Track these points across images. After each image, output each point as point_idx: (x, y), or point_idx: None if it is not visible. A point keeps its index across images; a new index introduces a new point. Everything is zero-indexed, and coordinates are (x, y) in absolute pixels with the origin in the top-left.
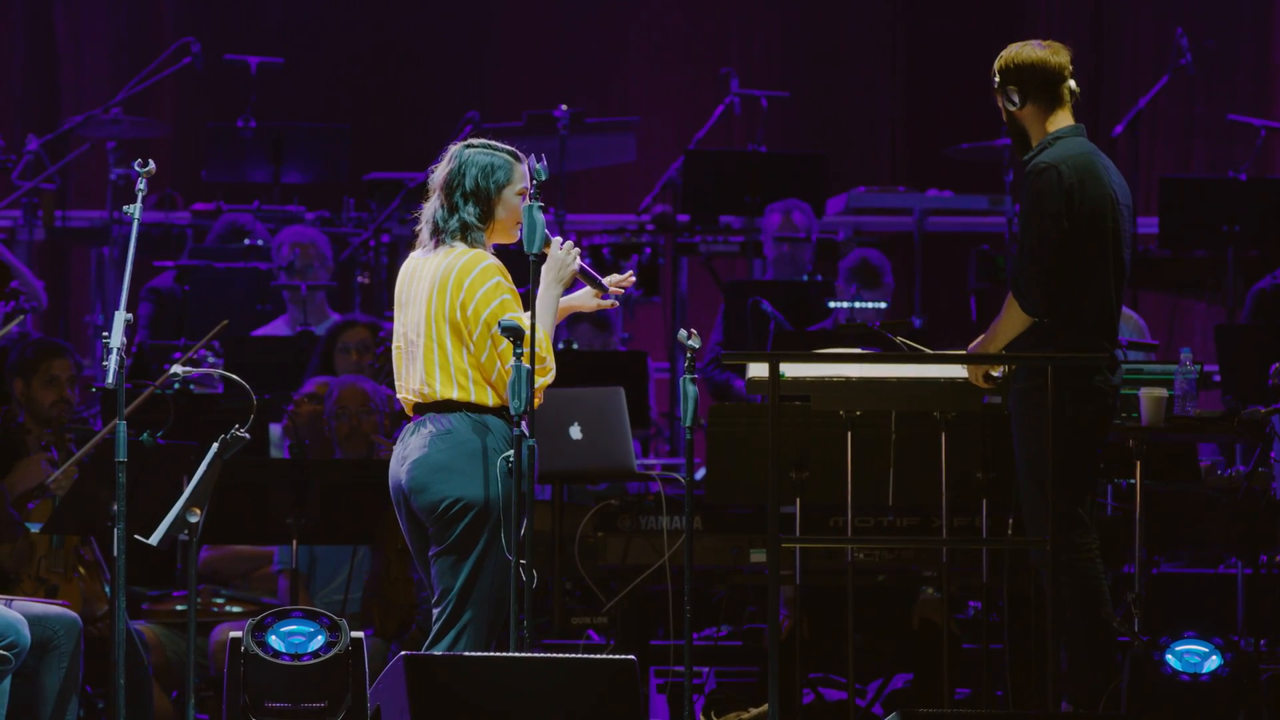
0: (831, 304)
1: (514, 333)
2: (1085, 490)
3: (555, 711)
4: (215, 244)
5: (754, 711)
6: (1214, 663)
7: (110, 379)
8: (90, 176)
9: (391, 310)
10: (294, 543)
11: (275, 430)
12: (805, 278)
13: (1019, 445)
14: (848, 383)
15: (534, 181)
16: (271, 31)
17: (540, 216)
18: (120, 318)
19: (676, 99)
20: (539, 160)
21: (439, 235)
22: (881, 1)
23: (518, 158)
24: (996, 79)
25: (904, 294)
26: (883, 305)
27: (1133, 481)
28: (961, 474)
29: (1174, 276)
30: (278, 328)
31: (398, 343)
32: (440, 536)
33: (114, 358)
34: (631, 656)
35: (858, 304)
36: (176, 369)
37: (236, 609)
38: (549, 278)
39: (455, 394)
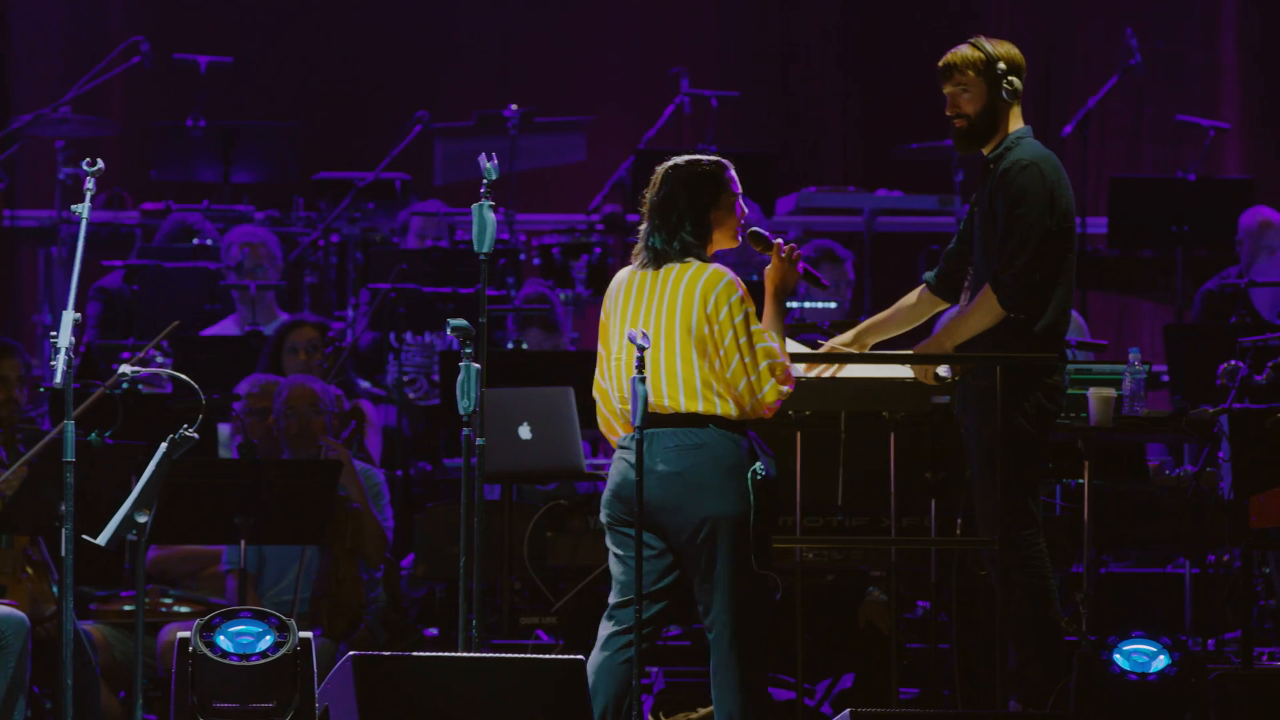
0: None
1: (463, 332)
2: (1040, 489)
3: (504, 712)
4: (164, 243)
5: (702, 711)
6: (1162, 662)
7: (59, 379)
8: (39, 176)
9: (341, 310)
10: (242, 543)
11: (224, 430)
12: (756, 277)
13: (977, 443)
14: (797, 383)
15: (485, 181)
16: (221, 30)
17: (490, 216)
18: (69, 317)
19: (627, 98)
20: (489, 159)
21: (660, 256)
22: (832, 1)
23: (724, 166)
24: (1001, 67)
25: (854, 294)
26: (833, 305)
27: (1081, 481)
28: (910, 474)
29: (1123, 276)
30: (226, 327)
31: (615, 353)
32: (696, 556)
33: (62, 357)
34: (580, 657)
35: (807, 304)
36: (125, 369)
37: (184, 609)
38: (775, 285)
39: (701, 406)
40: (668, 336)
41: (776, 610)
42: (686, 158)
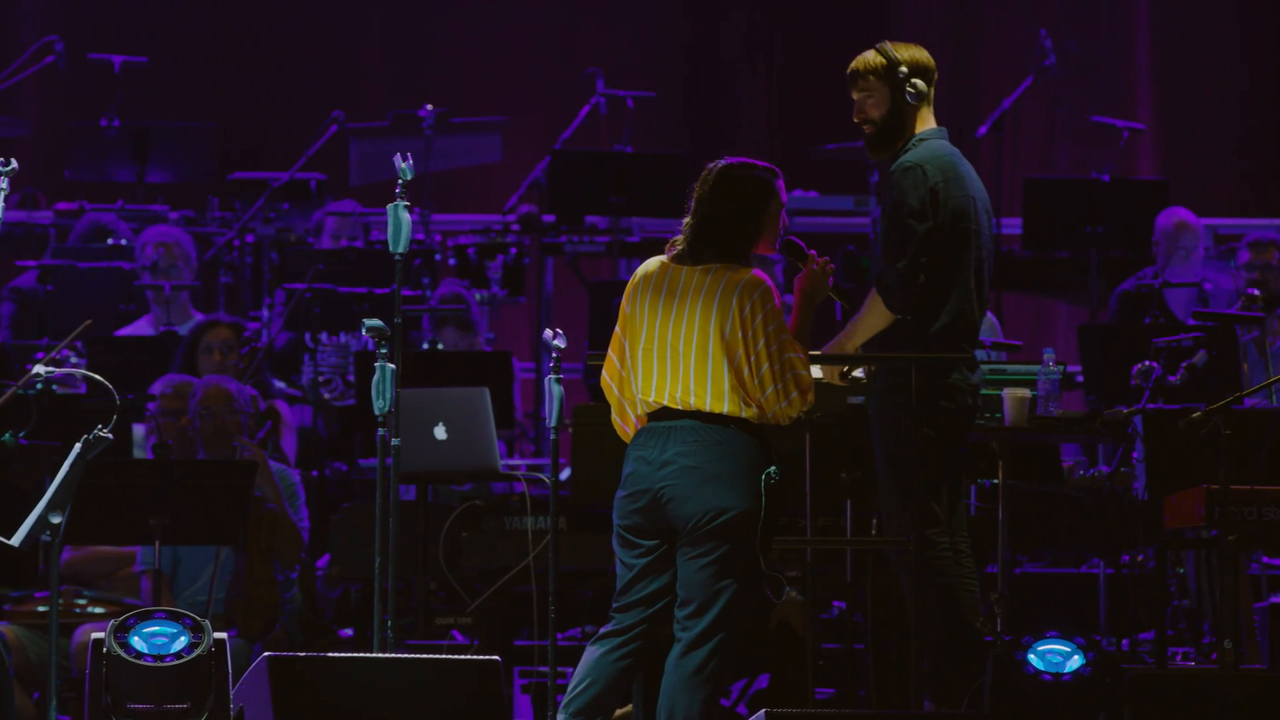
0: None
1: (378, 332)
2: (943, 488)
3: (420, 712)
4: (78, 243)
5: (619, 712)
6: (1076, 662)
7: None
8: None
9: (256, 310)
10: (157, 543)
11: (138, 430)
12: None
13: (879, 445)
14: None
15: (400, 181)
16: (136, 30)
17: (406, 216)
18: None
19: (542, 99)
20: (404, 159)
21: (702, 253)
22: (748, 2)
23: (777, 174)
24: (903, 71)
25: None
26: None
27: (996, 481)
28: (826, 474)
29: (1037, 277)
30: (141, 328)
31: (642, 344)
32: (699, 547)
33: None
34: (496, 657)
35: None
36: (39, 369)
37: (99, 610)
38: (806, 294)
39: (726, 407)
40: (701, 335)
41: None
42: (740, 159)
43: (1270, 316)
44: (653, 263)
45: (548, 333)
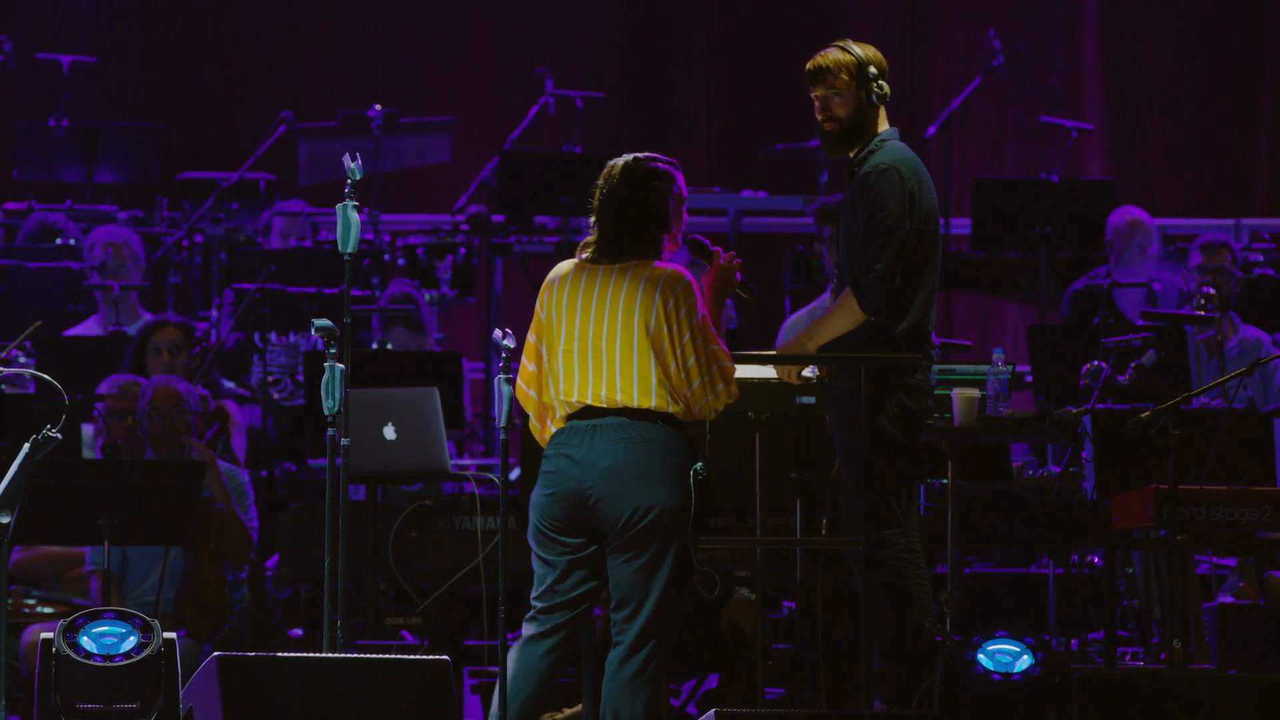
0: None
1: (328, 332)
2: (904, 488)
3: (369, 712)
4: (26, 243)
5: (568, 711)
6: (1025, 662)
7: None
8: None
9: (206, 310)
10: (106, 543)
11: (87, 431)
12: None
13: (840, 444)
14: None
15: (349, 181)
16: (84, 30)
17: (355, 216)
18: None
19: (491, 99)
20: (353, 159)
21: (614, 250)
22: (698, 1)
23: (678, 167)
24: (873, 71)
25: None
26: None
27: (945, 481)
28: (777, 474)
29: (986, 277)
30: (89, 327)
31: (562, 345)
32: (631, 548)
33: None
34: (445, 657)
35: None
36: None
37: (48, 610)
38: (715, 291)
39: (653, 402)
40: (625, 332)
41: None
42: (644, 155)
43: (1222, 318)
44: (565, 265)
45: (497, 333)
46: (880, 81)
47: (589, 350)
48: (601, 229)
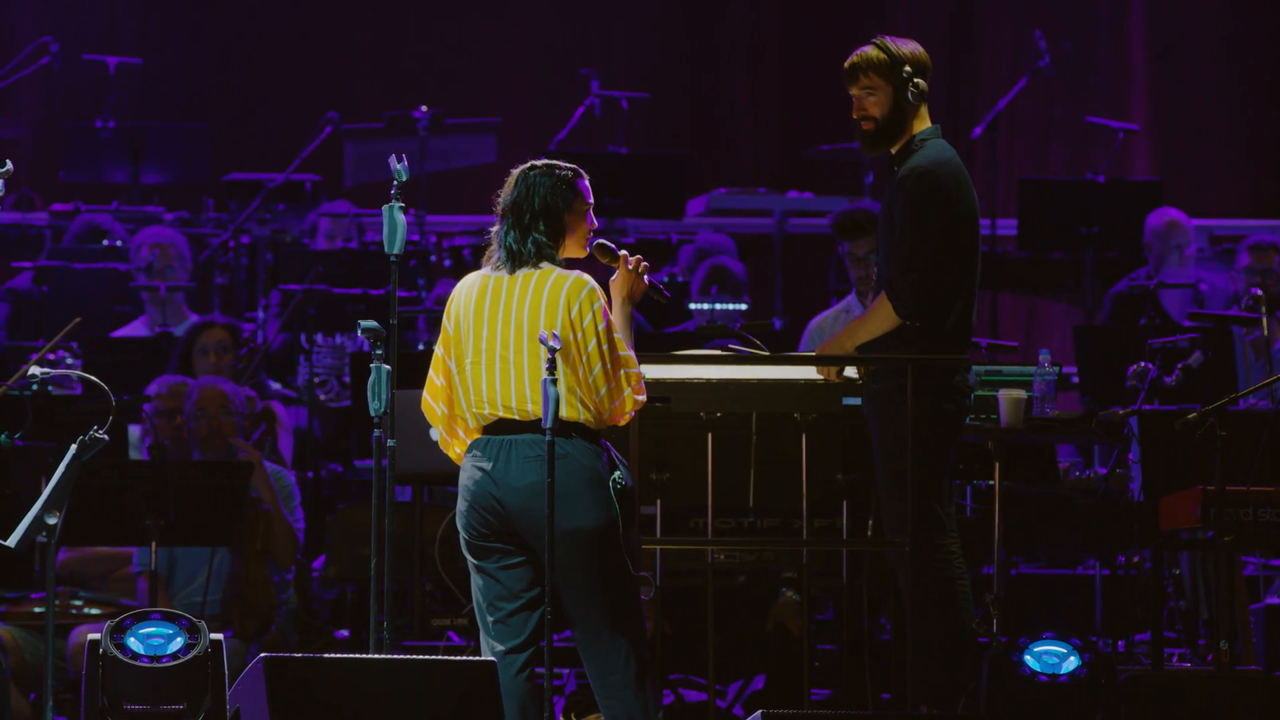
0: (692, 306)
1: (374, 333)
2: (944, 490)
3: (415, 713)
4: (73, 245)
5: (590, 718)
6: (1072, 663)
7: None
8: None
9: (252, 311)
10: (153, 544)
11: (134, 431)
12: (665, 279)
13: (879, 446)
14: (708, 384)
15: (395, 182)
16: (130, 31)
17: (400, 217)
18: None
19: (537, 100)
20: (399, 160)
21: (515, 258)
22: (743, 2)
23: (580, 174)
24: (907, 70)
25: (765, 296)
26: (743, 306)
27: (991, 483)
28: (822, 475)
29: (1032, 278)
30: (136, 329)
31: (470, 358)
32: (571, 573)
33: None
34: (491, 658)
35: (719, 306)
36: (34, 369)
37: (95, 611)
38: (622, 295)
39: (565, 411)
40: (531, 341)
41: (687, 612)
42: (544, 161)
43: (1270, 319)
44: (471, 278)
45: (544, 333)
46: (917, 80)
47: (496, 361)
48: (499, 238)
